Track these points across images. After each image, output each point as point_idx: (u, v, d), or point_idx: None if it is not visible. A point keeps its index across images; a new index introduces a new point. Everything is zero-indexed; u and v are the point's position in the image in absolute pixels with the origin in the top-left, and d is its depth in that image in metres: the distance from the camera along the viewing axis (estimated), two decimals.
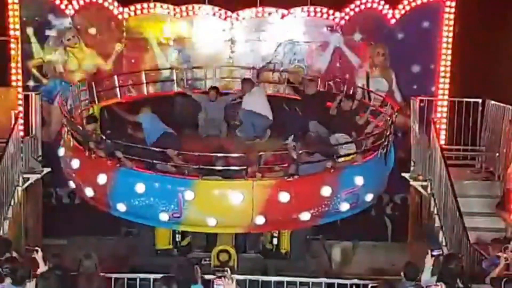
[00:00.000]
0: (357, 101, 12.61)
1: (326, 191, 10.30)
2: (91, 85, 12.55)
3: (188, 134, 12.43)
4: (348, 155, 10.86)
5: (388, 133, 11.16)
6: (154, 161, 10.29)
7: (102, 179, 10.45)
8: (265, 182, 10.22)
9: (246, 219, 10.24)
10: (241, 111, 12.65)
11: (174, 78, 13.56)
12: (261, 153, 10.39)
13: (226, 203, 10.16)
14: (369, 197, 10.99)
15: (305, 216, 10.39)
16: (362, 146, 10.99)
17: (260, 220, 10.19)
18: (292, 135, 11.89)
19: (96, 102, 12.50)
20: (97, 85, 12.66)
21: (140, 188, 10.20)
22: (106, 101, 12.74)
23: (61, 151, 11.50)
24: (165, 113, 12.31)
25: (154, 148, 10.73)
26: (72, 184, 11.36)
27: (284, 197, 10.10)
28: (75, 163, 10.92)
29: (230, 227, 10.69)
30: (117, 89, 12.95)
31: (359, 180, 10.55)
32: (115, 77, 13.13)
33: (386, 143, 11.17)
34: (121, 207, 10.49)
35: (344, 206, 10.57)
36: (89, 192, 10.78)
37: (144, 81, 13.32)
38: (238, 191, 10.09)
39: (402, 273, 7.93)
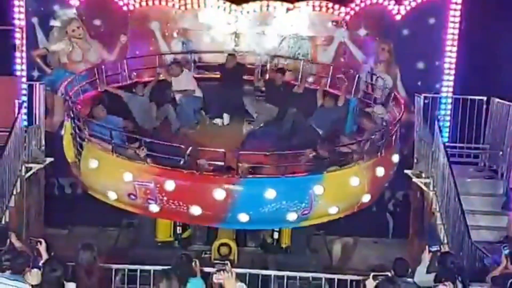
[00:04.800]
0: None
1: (394, 162, 11.41)
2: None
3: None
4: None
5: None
6: (286, 164, 10.40)
7: (219, 194, 9.94)
8: (369, 163, 10.77)
9: (357, 200, 10.83)
10: (182, 99, 12.64)
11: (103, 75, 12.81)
12: (362, 138, 11.26)
13: (347, 190, 10.58)
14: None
15: (384, 187, 11.59)
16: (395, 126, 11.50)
17: (366, 198, 10.86)
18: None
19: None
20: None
21: (270, 194, 10.01)
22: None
23: (128, 176, 10.14)
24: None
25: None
26: (154, 208, 10.25)
27: (380, 171, 10.85)
28: (169, 185, 10.01)
29: (344, 211, 10.87)
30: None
31: (395, 158, 11.45)
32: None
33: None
34: (244, 217, 10.16)
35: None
36: (196, 211, 10.10)
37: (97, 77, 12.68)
38: (355, 176, 10.52)
39: (391, 270, 7.92)
